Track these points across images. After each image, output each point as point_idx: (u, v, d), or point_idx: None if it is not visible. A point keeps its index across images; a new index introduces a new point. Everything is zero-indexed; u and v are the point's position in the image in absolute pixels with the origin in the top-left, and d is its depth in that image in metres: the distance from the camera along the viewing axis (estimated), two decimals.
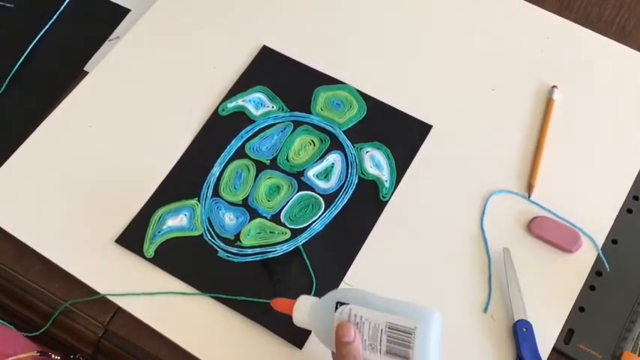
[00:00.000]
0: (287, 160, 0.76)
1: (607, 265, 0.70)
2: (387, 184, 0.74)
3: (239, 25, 0.85)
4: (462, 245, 0.72)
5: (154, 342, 0.68)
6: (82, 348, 0.71)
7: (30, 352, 0.68)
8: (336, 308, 0.58)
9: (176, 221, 0.73)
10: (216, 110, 0.79)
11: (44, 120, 0.79)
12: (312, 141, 0.77)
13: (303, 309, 0.60)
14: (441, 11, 0.86)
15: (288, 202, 0.74)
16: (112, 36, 0.85)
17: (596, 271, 0.70)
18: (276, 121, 0.78)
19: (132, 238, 0.72)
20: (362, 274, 0.69)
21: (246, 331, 0.67)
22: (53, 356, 0.70)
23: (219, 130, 0.78)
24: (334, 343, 0.58)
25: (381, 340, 0.56)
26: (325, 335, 0.59)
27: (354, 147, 0.77)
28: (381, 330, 0.56)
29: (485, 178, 0.75)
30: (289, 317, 0.62)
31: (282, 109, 0.79)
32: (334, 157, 0.76)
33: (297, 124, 0.78)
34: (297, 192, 0.74)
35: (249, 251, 0.71)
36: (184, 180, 0.75)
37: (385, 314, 0.56)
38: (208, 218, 0.73)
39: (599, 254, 0.71)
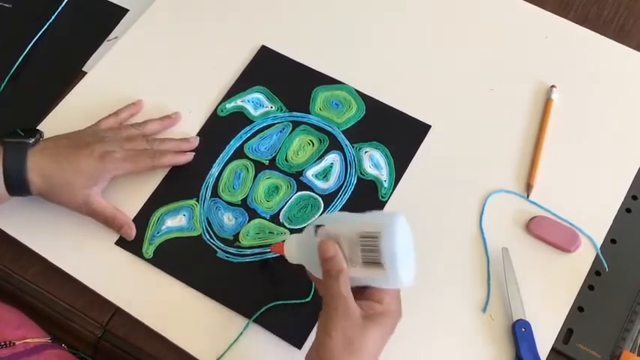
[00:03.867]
0: (286, 160, 0.76)
1: (606, 265, 0.70)
2: (385, 184, 0.74)
3: (238, 25, 0.85)
4: (460, 245, 0.72)
5: (152, 342, 0.68)
6: (81, 348, 0.71)
7: (43, 337, 0.68)
8: (316, 233, 0.61)
9: (175, 221, 0.73)
10: (215, 111, 0.79)
11: (43, 120, 0.79)
12: (311, 141, 0.77)
13: (291, 246, 0.63)
14: (440, 11, 0.86)
15: (287, 202, 0.74)
16: (111, 36, 0.85)
17: (595, 271, 0.70)
18: (275, 121, 0.78)
19: (132, 239, 0.71)
20: None
21: (245, 331, 0.67)
22: (63, 345, 0.70)
23: (218, 131, 0.78)
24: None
25: (357, 253, 0.58)
26: (314, 264, 0.61)
27: (352, 147, 0.77)
28: (355, 242, 0.58)
29: (484, 178, 0.75)
30: (288, 317, 0.62)
31: (281, 109, 0.79)
32: (333, 157, 0.76)
33: (295, 124, 0.78)
34: (296, 192, 0.74)
35: (248, 251, 0.71)
36: (183, 180, 0.75)
37: (356, 226, 0.59)
38: (207, 218, 0.73)
39: (598, 254, 0.71)
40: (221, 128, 0.78)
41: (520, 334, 0.66)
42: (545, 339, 0.67)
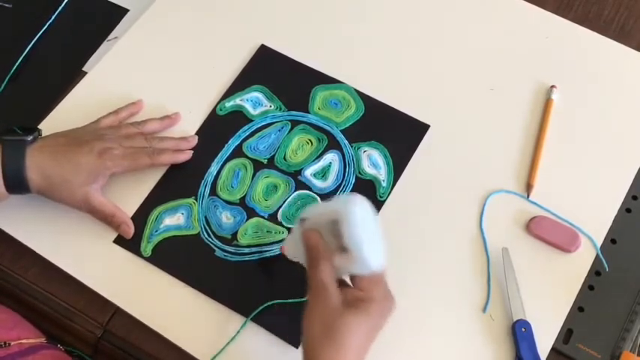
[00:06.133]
0: (284, 159, 0.76)
1: (606, 265, 0.70)
2: (384, 184, 0.74)
3: (237, 24, 0.85)
4: (460, 245, 0.71)
5: (152, 342, 0.68)
6: (81, 348, 0.71)
7: (37, 338, 0.68)
8: (301, 226, 0.62)
9: (173, 220, 0.73)
10: (214, 110, 0.79)
11: (43, 120, 0.79)
12: (310, 140, 0.77)
13: (287, 244, 0.64)
14: (439, 11, 0.86)
15: (285, 201, 0.73)
16: (111, 36, 0.85)
17: (595, 271, 0.70)
18: (274, 120, 0.78)
19: (130, 237, 0.71)
20: None
21: (243, 329, 0.67)
22: (59, 346, 0.70)
23: (217, 130, 0.78)
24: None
25: (332, 240, 0.59)
26: (304, 258, 0.61)
27: (351, 146, 0.76)
28: (329, 230, 0.59)
29: (484, 178, 0.75)
30: (286, 316, 0.62)
31: (280, 109, 0.79)
32: (331, 157, 0.76)
33: (294, 123, 0.78)
34: (295, 191, 0.74)
35: (246, 250, 0.71)
36: (182, 179, 0.75)
37: (327, 213, 0.59)
38: (205, 217, 0.73)
39: (598, 254, 0.70)
40: (220, 127, 0.78)
41: (520, 334, 0.66)
42: (545, 339, 0.66)
